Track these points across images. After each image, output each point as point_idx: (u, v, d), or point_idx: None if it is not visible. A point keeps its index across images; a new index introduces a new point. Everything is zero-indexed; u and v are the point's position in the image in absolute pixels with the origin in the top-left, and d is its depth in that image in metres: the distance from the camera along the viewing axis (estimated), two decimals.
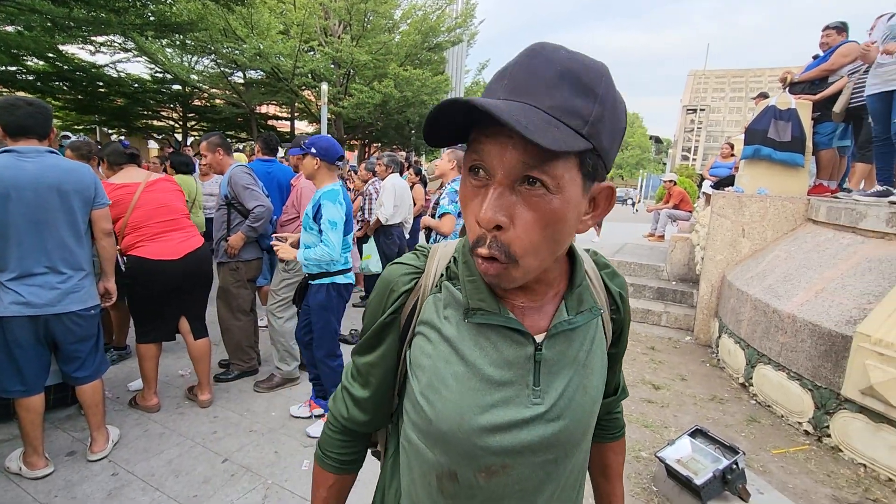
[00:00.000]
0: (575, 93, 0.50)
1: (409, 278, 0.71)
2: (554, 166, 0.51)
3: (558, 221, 0.54)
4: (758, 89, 42.66)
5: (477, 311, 0.64)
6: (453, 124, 0.54)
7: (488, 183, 0.54)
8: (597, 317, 0.70)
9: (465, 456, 0.64)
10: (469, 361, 0.64)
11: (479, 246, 0.56)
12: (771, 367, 3.37)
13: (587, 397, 0.68)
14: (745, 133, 4.81)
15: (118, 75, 12.33)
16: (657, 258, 6.46)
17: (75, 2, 5.54)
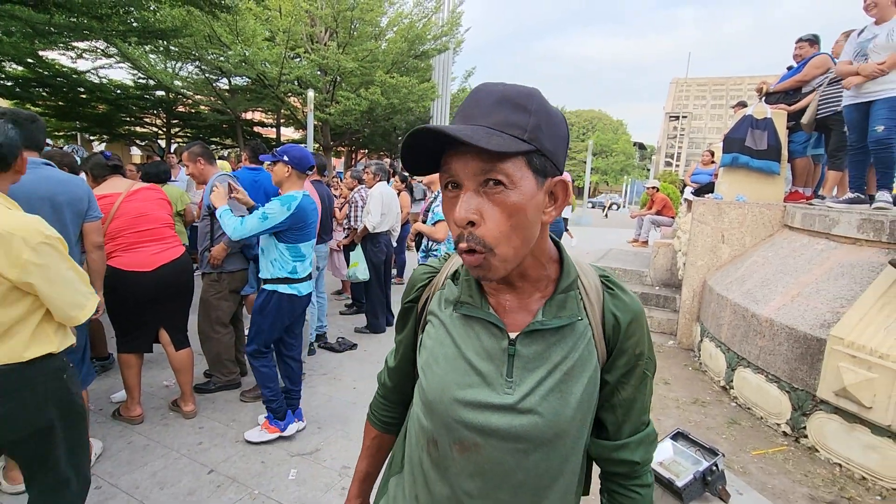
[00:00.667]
0: (511, 111, 0.63)
1: (426, 277, 0.88)
2: (505, 166, 0.63)
3: (519, 212, 0.64)
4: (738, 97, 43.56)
5: (464, 304, 0.77)
6: (427, 151, 0.67)
7: (458, 192, 0.66)
8: (573, 322, 0.73)
9: (443, 425, 0.75)
10: (458, 345, 0.76)
11: (460, 242, 0.66)
12: (750, 370, 3.45)
13: (563, 402, 0.72)
14: (724, 141, 4.95)
15: (100, 81, 12.16)
16: (641, 264, 6.56)
17: (56, 8, 5.48)
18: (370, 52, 12.95)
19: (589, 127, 52.94)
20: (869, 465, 2.61)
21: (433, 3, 14.49)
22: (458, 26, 15.07)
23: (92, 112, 13.22)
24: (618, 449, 0.81)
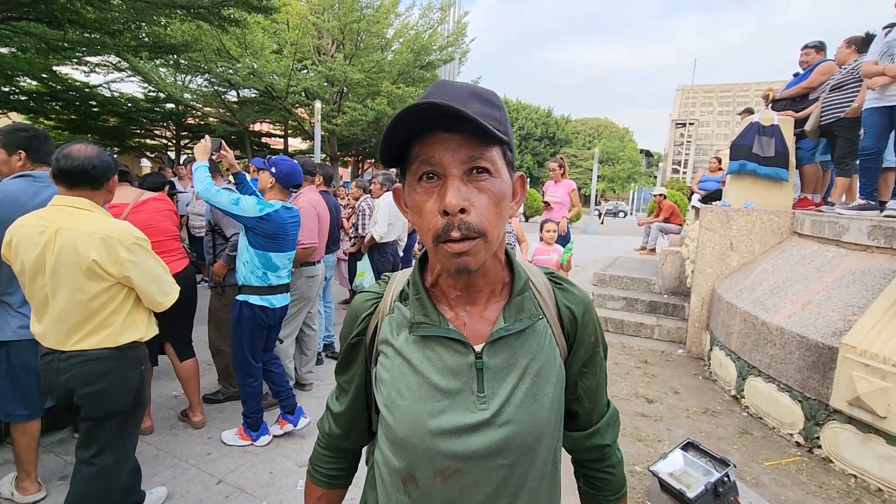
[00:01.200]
0: (484, 105, 0.64)
1: (370, 304, 0.80)
2: (491, 154, 0.63)
3: (503, 199, 0.65)
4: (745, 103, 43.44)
5: (420, 324, 0.72)
6: (397, 142, 0.64)
7: (440, 183, 0.63)
8: (535, 322, 0.74)
9: (421, 459, 0.70)
10: (419, 371, 0.71)
11: (450, 231, 0.62)
12: (761, 379, 3.41)
13: (538, 405, 0.72)
14: (731, 148, 4.93)
15: (112, 95, 12.38)
16: (649, 272, 6.53)
17: (70, 24, 5.60)
18: (376, 63, 13.10)
19: (595, 135, 52.97)
20: (885, 476, 2.56)
21: (438, 15, 14.65)
22: (464, 36, 15.21)
23: (104, 125, 13.45)
24: (590, 436, 0.85)
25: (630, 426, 3.29)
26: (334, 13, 12.91)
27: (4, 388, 2.12)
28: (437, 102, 0.57)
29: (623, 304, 5.82)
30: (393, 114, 13.42)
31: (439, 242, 0.63)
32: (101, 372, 1.70)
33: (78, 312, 1.69)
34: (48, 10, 4.93)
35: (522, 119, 42.42)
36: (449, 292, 0.74)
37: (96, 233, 1.67)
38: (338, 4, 12.79)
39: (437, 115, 0.59)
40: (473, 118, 0.57)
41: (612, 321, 5.49)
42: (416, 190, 0.65)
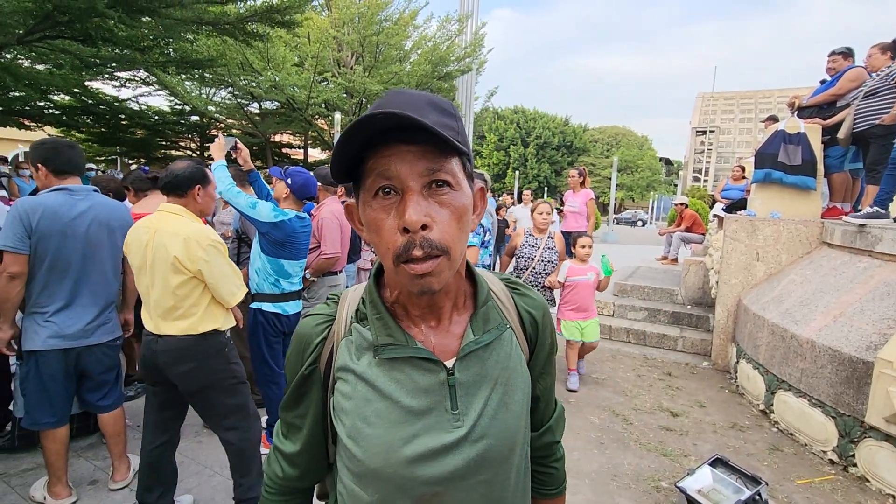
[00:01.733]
0: (442, 114, 0.60)
1: (321, 328, 0.73)
2: (451, 166, 0.60)
3: (465, 213, 0.62)
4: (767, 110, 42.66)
5: (385, 346, 0.67)
6: (349, 157, 0.60)
7: (398, 198, 0.59)
8: (502, 332, 0.73)
9: (397, 489, 0.65)
10: (387, 396, 0.66)
11: (412, 249, 0.58)
12: (791, 393, 3.31)
13: (510, 414, 0.71)
14: (755, 157, 4.84)
15: (140, 108, 12.77)
16: (671, 282, 6.42)
17: (103, 42, 5.82)
18: (395, 74, 13.27)
19: (613, 143, 52.57)
20: None
21: (456, 27, 14.80)
22: (481, 47, 15.32)
23: (132, 137, 13.86)
24: (543, 434, 0.86)
25: (654, 440, 3.23)
26: (354, 26, 13.14)
27: (32, 396, 2.18)
28: (394, 112, 0.53)
29: (645, 314, 5.72)
30: None
31: (400, 263, 0.59)
32: (186, 355, 1.99)
33: (167, 301, 1.98)
34: (83, 29, 5.13)
35: (539, 128, 42.35)
36: (411, 310, 0.70)
37: (180, 234, 1.98)
38: (358, 18, 13.02)
39: (393, 125, 0.55)
40: (433, 128, 0.54)
41: (633, 332, 5.40)
42: (371, 206, 0.61)
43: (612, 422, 3.49)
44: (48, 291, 2.15)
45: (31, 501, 2.30)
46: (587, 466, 2.89)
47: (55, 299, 2.16)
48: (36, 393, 2.18)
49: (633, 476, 2.80)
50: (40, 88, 8.03)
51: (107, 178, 3.57)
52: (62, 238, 2.13)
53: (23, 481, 2.48)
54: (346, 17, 13.03)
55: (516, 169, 39.34)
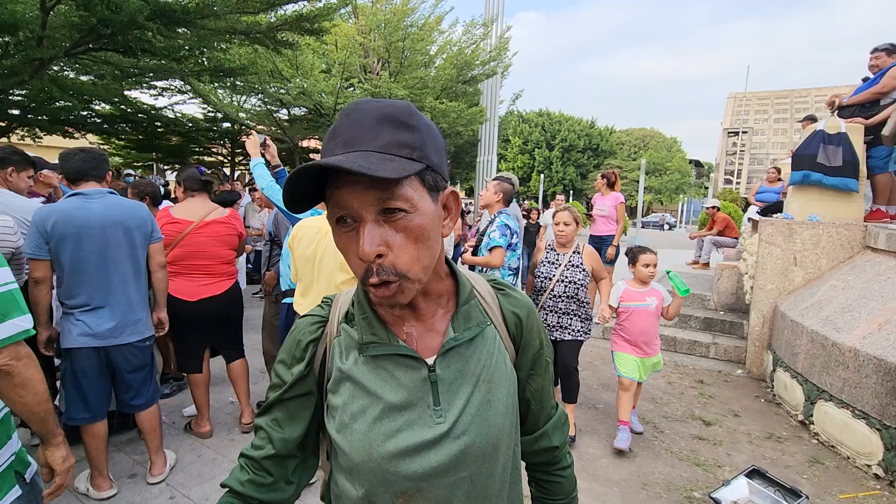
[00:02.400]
0: (395, 130, 0.60)
1: (314, 328, 0.76)
2: (403, 191, 0.59)
3: (424, 232, 0.62)
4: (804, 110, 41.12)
5: (369, 344, 0.70)
6: (307, 188, 0.61)
7: (356, 226, 0.60)
8: (483, 328, 0.74)
9: (380, 484, 0.68)
10: (371, 392, 0.69)
11: (369, 277, 0.61)
12: (833, 403, 3.18)
13: (493, 411, 0.72)
14: (793, 158, 4.68)
15: (174, 116, 13.23)
16: (703, 287, 6.25)
17: (142, 52, 6.05)
18: (420, 79, 13.37)
19: (640, 145, 51.56)
20: None
21: (481, 31, 14.82)
22: (506, 51, 15.29)
23: (167, 144, 14.38)
24: (538, 439, 0.85)
25: (686, 449, 3.14)
26: (380, 33, 13.31)
27: (69, 392, 2.27)
28: (321, 164, 0.54)
29: (675, 320, 5.58)
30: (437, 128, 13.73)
31: (364, 285, 0.63)
32: None
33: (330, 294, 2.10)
34: (124, 41, 5.35)
35: (565, 131, 41.91)
36: (394, 311, 0.72)
37: None
38: (384, 25, 13.18)
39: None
40: (368, 174, 0.53)
41: (663, 338, 5.27)
42: (336, 232, 0.63)
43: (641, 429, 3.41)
44: (73, 293, 2.23)
45: (76, 492, 2.40)
46: (616, 474, 2.84)
47: (80, 300, 2.23)
48: (72, 389, 2.27)
49: (665, 485, 2.73)
50: (84, 98, 8.42)
51: (143, 183, 3.70)
52: (77, 241, 2.18)
53: None
54: (372, 24, 13.23)
55: (541, 172, 39.02)
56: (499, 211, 3.50)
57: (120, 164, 14.89)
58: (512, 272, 3.52)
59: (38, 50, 4.74)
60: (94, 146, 2.49)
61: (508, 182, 3.71)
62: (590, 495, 2.61)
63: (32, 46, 4.68)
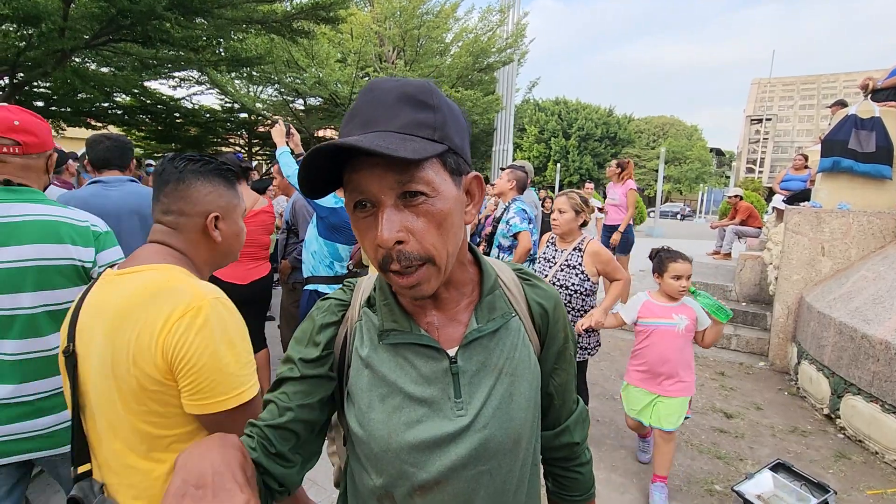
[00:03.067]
0: (415, 110, 0.57)
1: (335, 311, 0.73)
2: (423, 174, 0.56)
3: (447, 218, 0.59)
4: (832, 96, 39.79)
5: (390, 331, 0.68)
6: (323, 172, 0.58)
7: (375, 211, 0.58)
8: (508, 320, 0.71)
9: (398, 476, 0.65)
10: (390, 382, 0.66)
11: (390, 264, 0.58)
12: (861, 397, 3.08)
13: (514, 405, 0.69)
14: (822, 144, 4.52)
15: (193, 107, 13.38)
16: (724, 277, 6.12)
17: (161, 43, 6.10)
18: (435, 67, 13.27)
19: (660, 133, 50.52)
20: None
21: (498, 17, 14.61)
22: (523, 38, 15.07)
23: (185, 135, 14.56)
24: (559, 435, 0.82)
25: (708, 442, 3.09)
26: (396, 21, 13.22)
27: None
28: (337, 144, 0.52)
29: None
30: None
31: (384, 271, 0.60)
32: None
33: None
34: (143, 31, 5.39)
35: (582, 119, 41.30)
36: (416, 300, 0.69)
37: None
38: (399, 12, 13.07)
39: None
40: (387, 153, 0.50)
41: None
42: (354, 217, 0.61)
43: None
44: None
45: None
46: (634, 465, 2.81)
47: None
48: None
49: (685, 477, 2.69)
50: (105, 90, 8.55)
51: None
52: None
53: None
54: (387, 12, 13.13)
55: (557, 161, 38.58)
56: (513, 198, 3.51)
57: (140, 154, 15.15)
58: (528, 258, 3.52)
59: (60, 41, 4.81)
60: (120, 134, 2.49)
61: (522, 170, 3.69)
62: (608, 486, 2.59)
63: (55, 38, 4.73)
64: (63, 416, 1.35)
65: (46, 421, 1.34)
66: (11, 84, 5.76)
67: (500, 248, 3.54)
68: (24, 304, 1.30)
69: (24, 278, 1.29)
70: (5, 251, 1.27)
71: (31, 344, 1.32)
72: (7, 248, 1.28)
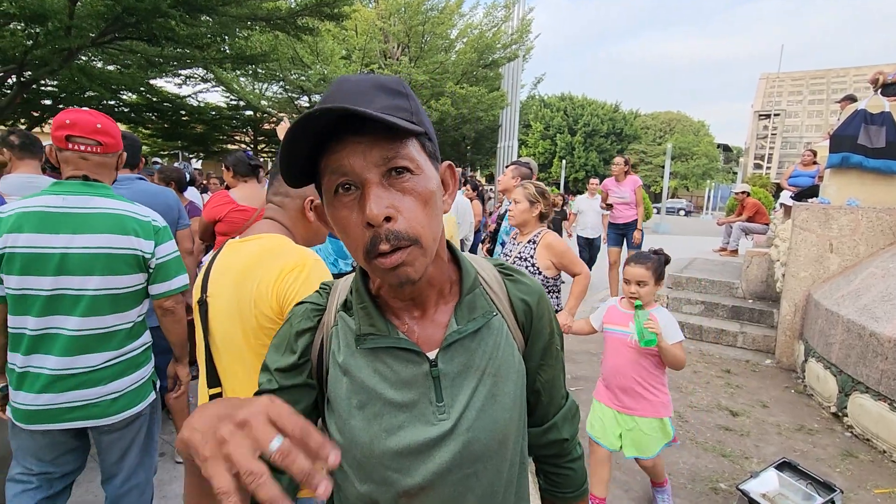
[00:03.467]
0: (391, 96, 0.58)
1: (310, 317, 0.71)
2: (408, 151, 0.57)
3: (431, 197, 0.59)
4: (841, 91, 39.30)
5: (367, 335, 0.66)
6: (301, 158, 0.57)
7: (359, 193, 0.57)
8: (489, 319, 0.69)
9: (382, 483, 0.64)
10: (369, 388, 0.65)
11: (378, 244, 0.55)
12: (869, 396, 3.06)
13: (498, 406, 0.67)
14: (831, 140, 4.46)
15: (198, 104, 13.43)
16: (730, 274, 6.07)
17: (166, 41, 6.12)
18: (440, 64, 13.22)
19: (666, 129, 50.15)
20: None
21: (503, 13, 14.54)
22: (528, 33, 14.98)
23: (191, 132, 14.63)
24: (547, 431, 0.80)
25: (712, 440, 3.07)
26: (400, 17, 13.18)
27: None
28: (329, 107, 0.51)
29: (701, 308, 5.45)
30: (457, 114, 13.54)
31: (370, 259, 0.57)
32: None
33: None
34: (148, 29, 5.42)
35: (587, 115, 41.09)
36: (394, 300, 0.68)
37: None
38: (404, 8, 13.04)
39: (338, 119, 0.53)
40: (377, 115, 0.51)
41: (688, 326, 5.16)
42: (334, 205, 0.58)
43: None
44: None
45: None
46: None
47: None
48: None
49: (690, 475, 2.68)
50: (111, 87, 8.60)
51: (169, 169, 3.77)
52: None
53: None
54: (392, 8, 13.09)
55: (563, 158, 38.42)
56: None
57: (147, 152, 15.24)
58: None
59: (67, 39, 4.83)
60: (128, 132, 2.48)
61: (526, 166, 3.67)
62: (612, 484, 2.58)
63: (61, 36, 4.76)
64: (109, 388, 1.56)
65: (93, 392, 1.53)
66: (19, 82, 5.80)
67: (504, 244, 3.54)
68: (91, 287, 1.50)
69: (94, 264, 1.50)
70: (81, 238, 1.48)
71: (91, 322, 1.52)
72: (83, 236, 1.49)
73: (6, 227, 1.44)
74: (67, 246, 1.47)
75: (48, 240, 1.45)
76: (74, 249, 1.47)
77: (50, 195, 1.49)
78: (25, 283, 1.45)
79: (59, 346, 1.48)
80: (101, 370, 1.54)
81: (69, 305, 1.48)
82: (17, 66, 5.47)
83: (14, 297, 1.46)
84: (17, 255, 1.43)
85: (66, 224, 1.47)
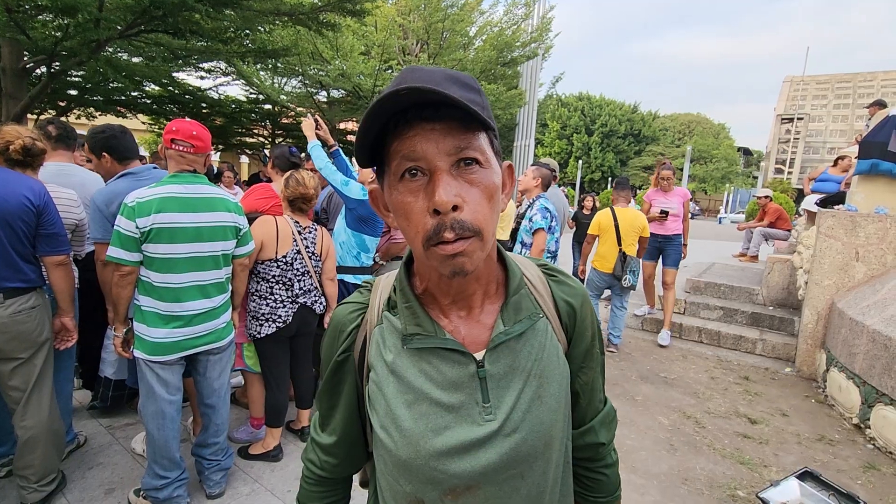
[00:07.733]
0: (464, 89, 0.56)
1: (355, 315, 0.72)
2: (479, 143, 0.57)
3: (495, 192, 0.59)
4: (868, 95, 38.27)
5: (413, 335, 0.65)
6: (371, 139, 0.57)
7: (426, 179, 0.56)
8: (535, 321, 0.69)
9: (427, 482, 0.64)
10: (415, 388, 0.65)
11: (442, 231, 0.55)
12: (893, 408, 2.99)
13: (544, 407, 0.67)
14: (860, 146, 4.37)
15: (219, 97, 13.58)
16: (750, 280, 5.98)
17: (191, 34, 6.20)
18: (459, 61, 13.19)
19: (685, 131, 49.41)
20: None
21: (523, 11, 14.45)
22: (548, 32, 14.87)
23: (211, 125, 14.76)
24: (583, 434, 0.79)
25: (730, 446, 3.04)
26: (420, 13, 13.17)
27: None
28: (417, 87, 0.50)
29: (720, 314, 5.38)
30: None
31: (430, 245, 0.56)
32: None
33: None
34: (174, 23, 5.49)
35: (605, 116, 40.66)
36: (441, 299, 0.67)
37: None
38: (424, 5, 13.02)
39: (416, 103, 0.53)
40: (461, 102, 0.51)
41: (706, 332, 5.10)
42: (398, 190, 0.58)
43: (682, 424, 3.32)
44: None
45: (133, 453, 2.54)
46: (655, 467, 2.78)
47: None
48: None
49: (707, 482, 2.65)
50: (135, 79, 8.72)
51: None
52: None
53: (125, 434, 2.75)
54: (412, 5, 13.10)
55: (579, 158, 38.11)
56: (537, 195, 3.50)
57: None
58: (550, 255, 3.52)
59: (96, 31, 4.92)
60: (116, 124, 2.54)
61: (547, 168, 3.67)
62: (628, 487, 2.56)
63: (90, 28, 4.85)
64: (223, 318, 2.20)
65: (216, 322, 2.16)
66: (49, 73, 5.93)
67: (523, 244, 3.53)
68: (218, 249, 2.12)
69: (216, 233, 2.10)
70: (210, 215, 2.09)
71: (217, 273, 2.14)
72: (211, 213, 2.09)
73: (153, 208, 1.92)
74: (198, 222, 2.04)
75: (186, 217, 2.01)
76: (204, 223, 2.06)
77: (172, 184, 2.00)
78: (171, 249, 1.98)
79: (197, 293, 2.06)
80: (220, 308, 2.17)
81: (202, 264, 2.06)
82: (47, 57, 5.58)
83: (161, 260, 1.96)
84: (164, 229, 1.95)
85: (195, 205, 2.03)
